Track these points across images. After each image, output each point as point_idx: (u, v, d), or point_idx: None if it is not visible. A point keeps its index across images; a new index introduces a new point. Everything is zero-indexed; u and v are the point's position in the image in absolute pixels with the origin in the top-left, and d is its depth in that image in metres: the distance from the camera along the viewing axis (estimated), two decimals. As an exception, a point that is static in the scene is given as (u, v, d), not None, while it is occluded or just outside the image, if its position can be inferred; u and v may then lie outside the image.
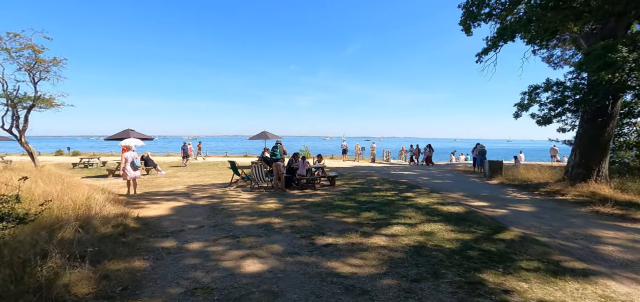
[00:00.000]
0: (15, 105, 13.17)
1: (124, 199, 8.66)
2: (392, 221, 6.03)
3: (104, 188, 10.44)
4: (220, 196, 9.07)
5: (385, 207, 7.22)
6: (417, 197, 8.49)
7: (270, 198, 8.68)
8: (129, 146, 10.06)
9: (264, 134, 18.76)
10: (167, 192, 9.81)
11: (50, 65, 13.03)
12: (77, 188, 9.00)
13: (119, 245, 4.57)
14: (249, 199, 8.61)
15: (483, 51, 13.60)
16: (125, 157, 9.58)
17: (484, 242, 4.79)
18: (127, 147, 9.94)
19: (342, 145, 24.54)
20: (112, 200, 7.77)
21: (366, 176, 13.79)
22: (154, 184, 11.88)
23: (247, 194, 9.29)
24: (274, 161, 9.47)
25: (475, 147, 17.74)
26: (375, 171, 16.31)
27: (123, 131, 14.83)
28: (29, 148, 13.83)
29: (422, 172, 16.14)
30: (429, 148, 21.93)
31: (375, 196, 8.69)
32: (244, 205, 7.75)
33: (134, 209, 7.33)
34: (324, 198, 8.60)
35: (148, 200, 8.58)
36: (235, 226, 5.82)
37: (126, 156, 9.59)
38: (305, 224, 5.88)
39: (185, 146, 21.83)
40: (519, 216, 6.64)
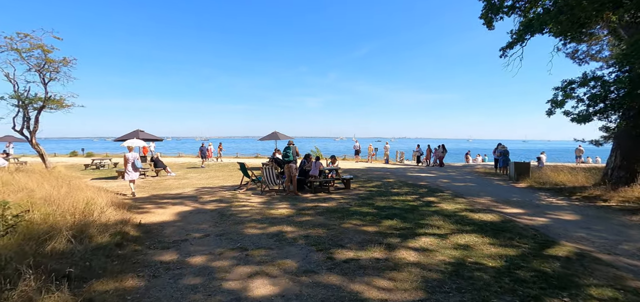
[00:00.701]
0: (26, 107, 13.09)
1: (129, 202, 8.26)
2: (418, 231, 5.35)
3: (111, 191, 10.12)
4: (229, 199, 8.56)
5: (409, 214, 6.52)
6: (441, 203, 7.75)
7: (282, 202, 8.11)
8: (131, 147, 9.95)
9: (274, 135, 18.28)
10: (174, 195, 9.39)
11: (60, 66, 12.89)
12: (81, 191, 8.66)
13: (113, 258, 4.07)
14: (259, 203, 8.07)
15: (508, 45, 12.69)
16: (127, 157, 9.44)
17: (534, 259, 4.06)
18: (130, 148, 9.86)
19: (355, 146, 23.83)
20: (115, 204, 7.36)
21: (382, 178, 13.08)
22: (162, 186, 11.52)
23: (257, 198, 8.76)
24: (286, 163, 8.90)
25: (496, 148, 16.73)
26: (391, 173, 15.57)
27: (132, 132, 14.60)
28: (40, 149, 13.75)
29: (440, 174, 15.29)
30: (442, 148, 20.98)
31: (395, 201, 8.00)
32: (253, 210, 7.21)
33: (137, 214, 6.88)
34: (339, 203, 7.97)
35: (154, 204, 8.15)
36: (244, 235, 5.26)
37: (128, 157, 9.47)
38: (321, 234, 5.27)
39: (204, 147, 21.32)
40: (563, 226, 5.84)
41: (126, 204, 7.75)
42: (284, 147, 9.15)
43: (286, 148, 9.01)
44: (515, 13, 13.26)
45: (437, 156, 20.86)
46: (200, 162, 20.65)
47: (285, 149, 9.02)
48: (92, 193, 8.04)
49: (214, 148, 27.06)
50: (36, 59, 12.23)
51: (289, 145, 9.08)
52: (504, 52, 12.82)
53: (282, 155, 8.98)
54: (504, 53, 12.82)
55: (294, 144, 9.25)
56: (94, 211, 6.31)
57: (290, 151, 8.87)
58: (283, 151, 9.00)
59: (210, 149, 24.42)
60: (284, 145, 9.66)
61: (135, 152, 9.90)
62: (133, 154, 9.53)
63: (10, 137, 20.97)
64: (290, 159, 8.84)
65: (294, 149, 9.00)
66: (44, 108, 13.21)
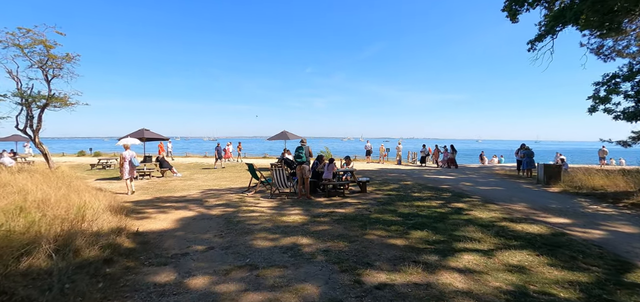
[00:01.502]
0: (29, 104, 12.67)
1: (129, 205, 7.66)
2: (456, 246, 4.56)
3: (112, 191, 9.58)
4: (236, 203, 7.89)
5: (439, 224, 5.73)
6: (472, 210, 6.92)
7: (294, 207, 7.40)
8: (127, 145, 9.83)
9: (284, 134, 17.61)
10: (178, 198, 8.77)
11: (63, 62, 12.42)
12: (80, 193, 8.11)
13: (99, 279, 3.41)
14: (269, 208, 7.37)
15: (537, 37, 11.74)
16: (124, 156, 9.30)
17: (618, 289, 3.23)
18: (126, 147, 9.73)
19: (366, 147, 23.00)
20: (113, 208, 6.75)
21: (398, 180, 12.26)
22: (167, 187, 10.95)
23: (266, 202, 8.07)
24: (299, 164, 8.17)
25: (519, 149, 15.70)
26: (406, 175, 14.72)
27: (137, 131, 14.10)
28: (43, 149, 13.33)
29: (460, 176, 14.37)
30: (452, 149, 19.99)
31: (419, 207, 7.20)
32: (263, 216, 6.51)
33: (136, 220, 6.25)
34: (356, 209, 7.21)
35: (156, 208, 7.53)
36: (253, 248, 4.55)
37: (125, 155, 9.30)
38: (343, 248, 4.52)
39: (219, 147, 20.00)
40: (627, 242, 4.96)
41: (125, 208, 7.14)
42: (296, 147, 8.43)
43: (298, 148, 8.28)
44: (540, 4, 12.29)
45: (447, 156, 19.89)
46: (214, 163, 19.52)
47: (297, 149, 8.30)
48: (90, 195, 7.48)
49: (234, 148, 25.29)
50: (38, 55, 11.78)
51: (301, 144, 8.35)
52: (532, 46, 11.87)
53: (294, 156, 8.26)
54: (533, 46, 11.87)
55: (306, 143, 8.52)
56: (87, 217, 5.71)
57: (302, 151, 8.15)
58: (295, 152, 8.28)
59: (229, 149, 22.84)
60: (295, 145, 8.97)
61: (131, 150, 9.74)
62: (129, 153, 9.40)
63: (18, 136, 20.82)
64: (303, 160, 8.12)
65: (306, 149, 8.27)
66: (47, 106, 12.77)
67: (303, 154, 8.07)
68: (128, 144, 10.03)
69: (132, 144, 13.34)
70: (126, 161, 9.30)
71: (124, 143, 10.24)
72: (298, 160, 8.16)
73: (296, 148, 8.35)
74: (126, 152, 9.45)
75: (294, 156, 8.30)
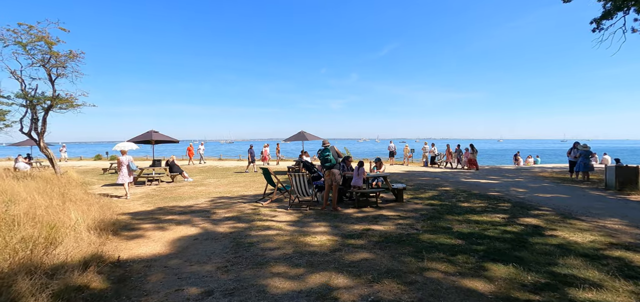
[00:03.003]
0: (34, 106, 11.94)
1: (124, 219, 6.51)
2: (575, 295, 2.99)
3: (114, 199, 8.53)
4: (249, 216, 6.58)
5: (522, 252, 4.14)
6: (555, 229, 5.25)
7: (319, 222, 5.99)
8: (124, 150, 9.73)
9: (301, 135, 16.29)
10: (183, 209, 7.57)
11: (66, 60, 11.60)
12: (74, 204, 7.07)
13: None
14: (289, 223, 6.00)
15: (604, 14, 9.81)
16: (121, 160, 9.08)
17: None
18: (123, 151, 9.60)
19: (389, 147, 21.30)
20: (102, 223, 5.59)
21: (435, 186, 10.62)
22: (174, 194, 9.83)
23: (285, 215, 6.71)
24: (328, 168, 6.74)
25: (573, 148, 13.60)
26: (440, 178, 13.01)
27: (146, 133, 13.17)
28: (49, 153, 12.58)
29: (504, 180, 12.50)
30: (472, 149, 17.93)
31: (479, 224, 5.61)
32: (281, 235, 5.14)
33: (124, 241, 5.03)
34: (398, 225, 5.71)
35: (154, 221, 6.32)
36: (268, 293, 3.17)
37: (122, 160, 9.17)
38: (400, 296, 3.06)
39: (253, 150, 17.71)
40: None
41: (117, 223, 5.97)
42: (320, 149, 7.00)
43: (323, 150, 6.86)
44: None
45: (469, 157, 17.88)
46: (247, 166, 17.48)
47: (322, 151, 6.88)
48: (86, 206, 6.41)
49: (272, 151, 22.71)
50: (41, 52, 10.99)
51: (325, 146, 6.93)
52: (598, 26, 9.94)
53: (320, 159, 6.83)
54: (598, 26, 9.94)
55: (329, 144, 7.08)
56: (65, 238, 4.55)
57: (329, 153, 6.71)
58: (321, 154, 6.85)
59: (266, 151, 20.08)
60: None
61: (128, 155, 9.61)
62: (127, 157, 9.27)
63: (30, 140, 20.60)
64: (333, 163, 6.68)
65: (334, 151, 6.85)
66: (52, 108, 12.00)
67: (331, 157, 6.63)
68: (125, 148, 9.91)
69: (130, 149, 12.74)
70: (124, 165, 9.10)
71: (121, 148, 10.20)
72: (326, 164, 6.72)
73: (320, 150, 6.93)
74: (123, 157, 9.25)
75: (320, 159, 6.88)
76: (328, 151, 6.72)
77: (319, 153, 6.89)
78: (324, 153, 6.74)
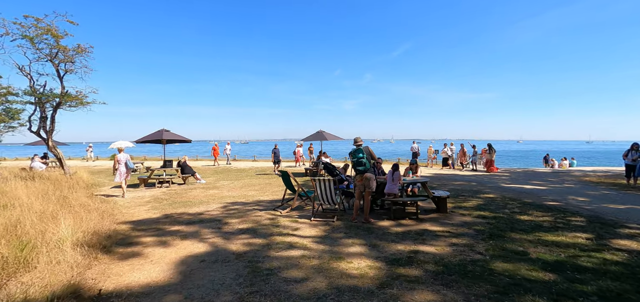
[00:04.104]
0: (43, 104, 11.42)
1: (124, 229, 5.63)
2: None
3: (113, 208, 7.72)
4: (266, 228, 5.56)
5: (653, 297, 2.91)
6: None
7: (351, 239, 4.90)
8: (121, 148, 9.56)
9: (320, 135, 15.23)
10: (192, 217, 6.65)
11: (75, 55, 11.00)
12: (72, 210, 6.30)
13: None
14: (315, 239, 4.93)
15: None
16: (118, 159, 9.04)
17: None
18: (121, 149, 9.49)
19: (412, 148, 19.90)
20: (95, 235, 4.72)
21: (475, 192, 9.31)
22: (184, 199, 8.98)
23: (308, 227, 5.65)
24: (360, 173, 5.64)
25: (629, 150, 11.89)
26: (477, 182, 11.64)
27: (157, 132, 12.45)
28: (58, 153, 12.05)
29: (553, 186, 11.00)
30: (489, 149, 16.35)
31: (559, 246, 4.36)
32: (308, 258, 4.08)
33: (115, 262, 4.10)
34: (451, 245, 4.54)
35: (157, 234, 5.40)
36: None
37: (119, 158, 9.05)
38: None
39: (277, 149, 16.52)
40: None
41: (113, 237, 5.08)
42: (352, 150, 5.88)
43: (356, 150, 5.74)
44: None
45: (487, 158, 16.35)
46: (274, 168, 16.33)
47: (354, 151, 5.76)
48: (77, 216, 5.59)
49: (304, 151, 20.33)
50: (48, 46, 10.42)
51: (358, 145, 5.81)
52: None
53: (352, 161, 5.69)
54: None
55: (362, 143, 5.97)
56: (38, 261, 3.68)
57: (362, 154, 5.60)
58: (352, 156, 5.74)
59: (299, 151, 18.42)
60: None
61: (126, 153, 9.52)
62: (124, 155, 9.22)
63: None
64: (366, 168, 5.57)
65: (367, 151, 5.74)
66: (60, 105, 11.46)
67: (365, 159, 5.52)
68: (122, 146, 9.78)
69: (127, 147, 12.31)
70: (121, 164, 9.06)
71: (118, 146, 10.28)
72: (359, 168, 5.60)
73: (352, 151, 5.81)
74: (121, 155, 9.17)
75: (353, 161, 5.76)
76: (361, 152, 5.60)
77: (350, 154, 5.78)
78: (357, 154, 5.62)
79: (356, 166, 5.68)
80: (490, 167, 16.22)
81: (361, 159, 5.59)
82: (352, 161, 5.75)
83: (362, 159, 5.58)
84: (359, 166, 5.61)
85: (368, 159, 5.62)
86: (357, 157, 5.63)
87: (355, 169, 5.74)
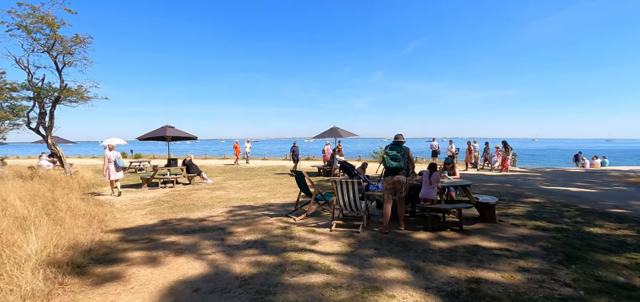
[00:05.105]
0: (41, 99, 10.76)
1: (110, 240, 4.75)
2: None
3: (107, 212, 6.89)
4: (278, 241, 4.59)
5: None
6: None
7: (385, 257, 3.87)
8: (112, 146, 9.18)
9: (334, 131, 14.20)
10: (193, 223, 5.75)
11: (73, 46, 10.28)
12: (55, 215, 5.50)
13: None
14: (339, 258, 3.92)
15: None
16: (108, 157, 8.75)
17: None
18: (111, 147, 9.11)
19: (432, 146, 18.64)
20: (68, 253, 3.85)
21: (516, 196, 8.11)
22: (187, 201, 8.11)
23: (329, 239, 4.65)
24: (392, 172, 4.61)
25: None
26: (512, 184, 10.40)
27: (160, 128, 11.67)
28: (57, 150, 11.39)
29: (602, 189, 9.67)
30: (504, 147, 14.89)
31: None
32: (334, 290, 3.07)
33: (84, 290, 3.19)
34: (520, 270, 3.45)
35: (148, 246, 4.49)
36: None
37: (109, 156, 8.77)
38: None
39: (296, 147, 15.28)
40: None
41: (93, 252, 4.19)
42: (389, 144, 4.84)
43: (393, 145, 4.72)
44: None
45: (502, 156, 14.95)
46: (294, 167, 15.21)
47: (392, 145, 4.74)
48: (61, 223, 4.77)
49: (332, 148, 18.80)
50: (44, 36, 9.72)
51: (398, 141, 4.77)
52: None
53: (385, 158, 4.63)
54: None
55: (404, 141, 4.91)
56: None
57: (400, 151, 4.57)
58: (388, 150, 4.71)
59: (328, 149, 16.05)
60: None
61: (116, 151, 9.18)
62: (114, 153, 8.94)
63: (57, 138, 20.10)
64: (399, 166, 4.54)
65: (407, 152, 4.70)
66: (59, 100, 10.78)
67: (400, 157, 4.48)
68: (112, 144, 9.39)
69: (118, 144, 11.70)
70: (110, 162, 8.75)
71: (108, 143, 9.98)
72: (393, 163, 4.56)
73: (389, 146, 4.78)
74: (110, 153, 8.89)
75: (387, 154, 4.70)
76: (401, 149, 4.55)
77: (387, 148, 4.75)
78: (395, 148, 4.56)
79: (391, 160, 4.61)
80: (504, 167, 14.87)
81: (397, 155, 4.53)
82: (386, 153, 4.69)
83: (398, 155, 4.53)
84: (394, 161, 4.55)
85: (406, 159, 4.56)
86: (395, 153, 4.57)
87: (387, 166, 4.69)
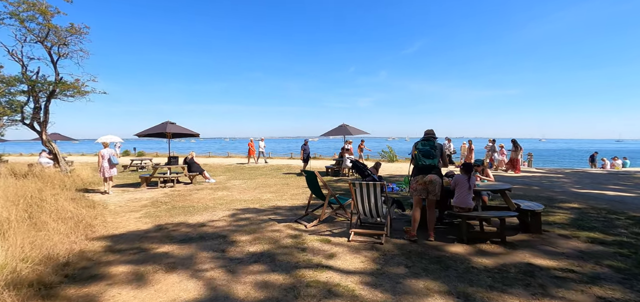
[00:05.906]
0: (36, 93, 10.20)
1: (94, 250, 4.09)
2: None
3: (98, 215, 6.24)
4: (288, 253, 3.89)
5: None
6: None
7: (419, 278, 3.15)
8: (106, 143, 9.03)
9: (343, 129, 13.47)
10: (190, 229, 5.07)
11: (67, 35, 9.69)
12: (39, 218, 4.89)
13: None
14: (362, 279, 3.20)
15: None
16: (102, 154, 8.62)
17: None
18: (105, 144, 8.93)
19: (444, 145, 17.81)
20: (38, 269, 3.19)
21: (550, 201, 7.31)
22: (187, 203, 7.46)
23: (348, 252, 3.93)
24: (425, 170, 3.90)
25: None
26: (538, 186, 9.58)
27: (161, 124, 11.05)
28: (53, 147, 10.82)
29: (630, 191, 8.81)
30: (514, 146, 13.94)
31: None
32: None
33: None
34: (597, 300, 2.71)
35: (135, 259, 3.82)
36: None
37: (103, 153, 8.63)
38: None
39: (307, 147, 14.30)
40: None
41: (70, 266, 3.53)
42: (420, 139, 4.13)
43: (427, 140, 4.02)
44: None
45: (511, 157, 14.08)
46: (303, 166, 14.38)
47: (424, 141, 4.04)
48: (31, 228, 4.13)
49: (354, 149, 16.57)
50: (37, 25, 9.15)
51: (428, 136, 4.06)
52: None
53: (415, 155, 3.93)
54: None
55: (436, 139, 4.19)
56: None
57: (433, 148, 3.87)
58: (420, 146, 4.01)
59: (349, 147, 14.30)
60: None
61: (110, 148, 9.17)
62: (108, 151, 8.77)
63: (57, 135, 19.72)
64: (433, 164, 3.85)
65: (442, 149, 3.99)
66: (54, 94, 10.21)
67: (435, 154, 3.77)
68: (107, 141, 9.32)
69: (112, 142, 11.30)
70: (104, 159, 8.62)
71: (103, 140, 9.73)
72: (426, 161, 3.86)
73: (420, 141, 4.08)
74: (105, 150, 8.69)
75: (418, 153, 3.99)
76: (433, 145, 3.84)
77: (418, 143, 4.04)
78: (425, 146, 3.87)
79: (423, 157, 3.89)
80: (516, 168, 13.93)
81: (431, 151, 3.82)
82: (417, 148, 3.97)
83: (432, 153, 3.82)
84: (427, 158, 3.83)
85: (439, 156, 3.85)
86: (429, 148, 3.85)
87: (418, 163, 3.97)
